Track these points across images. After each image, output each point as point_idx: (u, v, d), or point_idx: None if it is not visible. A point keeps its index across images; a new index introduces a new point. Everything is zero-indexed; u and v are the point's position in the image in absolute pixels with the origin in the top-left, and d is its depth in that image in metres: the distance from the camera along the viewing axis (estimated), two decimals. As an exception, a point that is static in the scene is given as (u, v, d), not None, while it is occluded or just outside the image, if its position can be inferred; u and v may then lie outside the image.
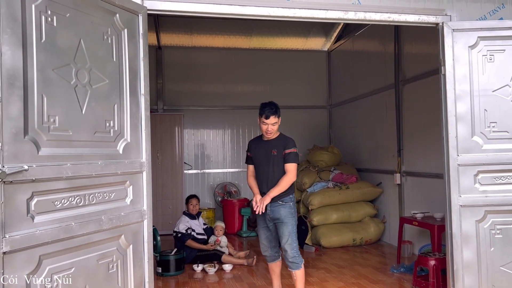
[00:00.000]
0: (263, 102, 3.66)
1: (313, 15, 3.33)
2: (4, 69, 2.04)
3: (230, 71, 8.31)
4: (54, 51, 2.31)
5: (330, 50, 8.55)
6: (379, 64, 6.62)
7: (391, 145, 6.17)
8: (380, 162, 6.62)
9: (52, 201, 2.25)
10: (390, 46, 6.18)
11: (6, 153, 2.03)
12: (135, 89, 2.83)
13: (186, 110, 8.00)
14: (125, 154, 2.72)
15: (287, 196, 3.59)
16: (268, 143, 3.65)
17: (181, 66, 8.09)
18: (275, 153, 3.58)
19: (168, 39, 7.93)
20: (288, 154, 3.56)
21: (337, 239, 6.01)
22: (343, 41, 7.97)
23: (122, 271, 2.67)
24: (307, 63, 8.55)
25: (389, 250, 5.94)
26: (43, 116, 2.22)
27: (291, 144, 3.60)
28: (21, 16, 2.15)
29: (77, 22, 2.45)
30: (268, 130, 3.57)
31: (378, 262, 5.30)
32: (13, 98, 2.08)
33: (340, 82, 8.27)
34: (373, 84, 6.75)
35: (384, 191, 6.48)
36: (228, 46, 8.24)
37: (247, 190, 8.15)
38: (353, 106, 7.60)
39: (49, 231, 2.21)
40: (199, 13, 3.21)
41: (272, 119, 3.54)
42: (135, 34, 2.87)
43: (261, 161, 3.66)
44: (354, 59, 7.63)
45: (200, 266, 5.04)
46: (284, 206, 3.57)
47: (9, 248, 2.01)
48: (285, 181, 3.53)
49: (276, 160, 3.58)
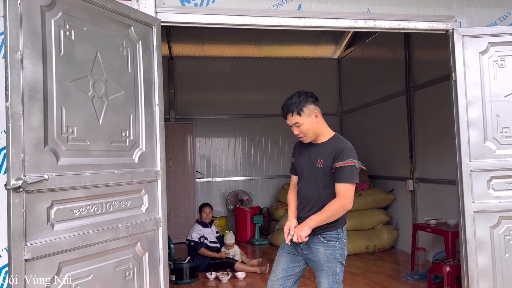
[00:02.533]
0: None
1: (323, 24, 3.37)
2: (25, 82, 2.12)
3: (241, 80, 8.38)
4: (72, 64, 2.38)
5: (340, 57, 8.59)
6: (389, 71, 6.63)
7: (403, 152, 6.16)
8: (392, 169, 6.60)
9: (71, 209, 2.31)
10: (400, 52, 6.19)
11: (27, 163, 2.09)
12: (149, 100, 2.90)
13: (198, 119, 8.08)
14: (141, 163, 2.78)
15: (333, 231, 2.50)
16: (315, 148, 2.59)
17: (192, 75, 8.18)
18: (321, 164, 2.51)
19: (179, 50, 8.04)
20: (341, 169, 2.44)
21: (350, 247, 5.95)
22: (353, 49, 8.00)
23: (138, 278, 2.72)
24: (317, 71, 8.59)
25: (402, 257, 5.90)
26: (62, 127, 2.29)
27: (346, 153, 2.46)
28: (41, 31, 2.23)
29: (94, 35, 2.52)
30: (296, 133, 2.59)
31: (392, 270, 5.27)
32: (34, 110, 2.15)
33: (350, 89, 8.29)
34: (383, 91, 6.76)
35: (396, 197, 6.46)
36: (238, 55, 8.32)
37: (258, 198, 8.19)
38: (364, 113, 7.61)
39: (68, 239, 2.26)
40: (211, 25, 3.27)
41: (290, 119, 2.54)
42: (149, 46, 2.94)
43: (304, 172, 2.63)
44: (364, 67, 7.65)
45: (213, 274, 5.07)
46: (326, 246, 2.50)
47: (31, 255, 2.07)
48: (332, 208, 2.43)
49: (322, 174, 2.51)
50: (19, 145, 2.06)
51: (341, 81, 8.66)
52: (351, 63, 8.27)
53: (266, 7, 3.33)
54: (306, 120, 2.52)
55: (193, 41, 7.90)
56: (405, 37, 6.05)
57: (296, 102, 2.52)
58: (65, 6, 2.35)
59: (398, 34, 6.02)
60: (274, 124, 8.28)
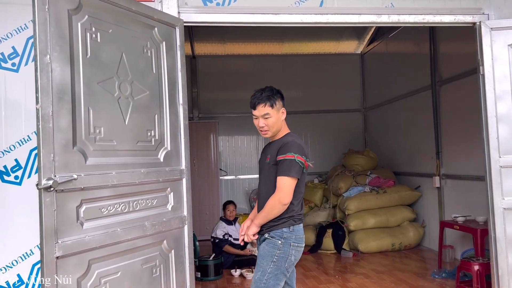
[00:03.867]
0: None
1: (346, 20, 3.34)
2: (54, 85, 2.18)
3: (263, 77, 8.36)
4: (99, 66, 2.43)
5: (363, 52, 8.48)
6: (414, 65, 6.51)
7: (429, 148, 6.04)
8: (418, 165, 6.48)
9: (99, 208, 2.37)
10: (425, 46, 6.07)
11: (57, 163, 2.15)
12: (174, 99, 2.93)
13: (221, 118, 8.13)
14: (166, 162, 2.82)
15: (278, 229, 2.41)
16: (270, 145, 2.63)
17: (214, 74, 8.23)
18: (268, 159, 2.51)
19: (201, 49, 8.09)
20: (280, 163, 2.38)
21: (375, 244, 5.92)
22: (376, 44, 7.88)
23: (165, 276, 2.76)
24: (340, 67, 8.51)
25: (429, 255, 5.80)
26: (90, 128, 2.35)
27: (287, 147, 2.41)
28: (69, 34, 2.28)
29: (119, 37, 2.57)
30: (259, 126, 2.51)
31: (419, 267, 5.19)
32: (63, 112, 2.21)
33: (374, 85, 8.18)
34: (408, 86, 6.64)
35: (422, 194, 6.35)
36: (260, 53, 8.32)
37: (282, 195, 8.16)
38: (388, 108, 7.50)
39: (96, 237, 2.32)
40: (233, 24, 3.28)
41: (261, 109, 2.46)
42: (172, 46, 2.97)
43: (260, 171, 2.65)
44: (388, 61, 7.53)
45: (238, 271, 5.10)
46: (268, 242, 2.42)
47: (62, 253, 2.13)
48: (269, 203, 2.37)
49: (269, 170, 2.47)
50: (50, 146, 2.12)
51: (364, 76, 8.55)
52: (374, 58, 8.15)
53: (288, 4, 3.32)
54: (275, 114, 2.51)
55: (215, 40, 7.94)
56: (430, 31, 5.92)
57: (270, 94, 2.51)
58: (91, 9, 2.40)
59: (422, 27, 5.89)
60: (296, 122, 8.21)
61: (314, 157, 8.34)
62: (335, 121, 8.35)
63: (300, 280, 4.78)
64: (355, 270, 5.17)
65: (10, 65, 2.91)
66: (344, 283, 4.63)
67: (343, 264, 5.52)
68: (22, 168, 2.90)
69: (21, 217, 2.84)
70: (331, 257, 5.90)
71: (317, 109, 8.27)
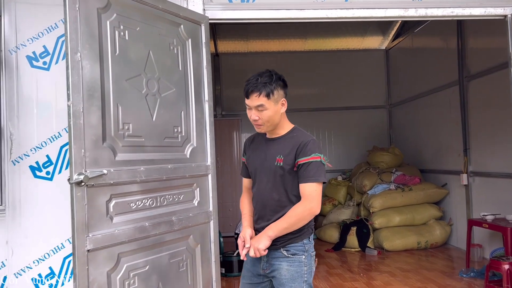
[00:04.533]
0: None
1: (372, 14, 3.30)
2: (84, 82, 2.23)
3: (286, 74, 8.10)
4: (127, 63, 2.48)
5: (388, 48, 8.35)
6: (441, 60, 6.37)
7: (456, 145, 5.91)
8: (445, 163, 6.35)
9: (128, 203, 2.41)
10: (453, 41, 5.93)
11: (88, 158, 2.21)
12: (199, 96, 2.96)
13: (243, 115, 8.04)
14: (192, 158, 2.85)
15: (298, 242, 2.06)
16: (273, 143, 2.14)
17: (237, 71, 8.24)
18: (280, 161, 2.05)
19: (224, 46, 8.13)
20: (305, 166, 2.00)
21: (400, 242, 5.84)
22: (401, 39, 7.75)
23: (192, 270, 2.79)
24: (364, 63, 8.41)
25: (456, 253, 5.68)
26: (119, 124, 2.39)
27: (310, 146, 2.03)
28: (98, 32, 2.33)
29: (146, 35, 2.61)
30: (253, 119, 2.09)
31: (446, 266, 5.09)
32: (93, 108, 2.26)
33: (399, 81, 8.05)
34: (435, 81, 6.51)
35: (449, 192, 6.21)
36: (283, 49, 8.30)
37: (305, 192, 8.14)
38: (414, 105, 7.37)
39: (126, 231, 2.37)
40: (258, 20, 3.29)
41: (254, 99, 2.04)
42: (198, 44, 3.00)
43: (259, 174, 2.14)
44: (414, 57, 7.39)
45: (262, 268, 5.11)
46: (291, 261, 2.04)
47: (92, 246, 2.18)
48: (296, 213, 2.00)
49: (282, 174, 2.05)
50: (80, 142, 2.17)
51: (390, 72, 8.43)
52: (399, 53, 8.02)
53: (312, -1, 3.30)
54: (273, 106, 2.05)
55: (238, 37, 7.96)
56: (457, 24, 5.79)
57: (267, 82, 2.05)
58: (119, 8, 2.45)
59: (450, 21, 5.76)
60: (320, 119, 8.22)
61: (338, 154, 8.29)
62: (359, 117, 8.26)
63: (324, 278, 4.76)
64: (380, 268, 5.12)
65: (42, 64, 2.99)
66: (369, 281, 4.59)
67: (367, 262, 5.46)
68: (53, 164, 2.98)
69: (52, 211, 2.92)
70: (355, 255, 5.84)
71: (341, 106, 8.20)
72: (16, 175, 2.93)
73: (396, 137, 8.25)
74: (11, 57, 2.95)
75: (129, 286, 2.36)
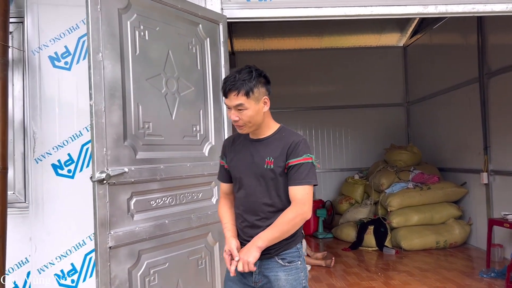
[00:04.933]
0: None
1: (391, 11, 3.27)
2: (106, 82, 2.26)
3: (302, 72, 8.33)
4: (147, 63, 2.51)
5: (406, 45, 8.25)
6: (460, 57, 6.27)
7: (476, 143, 5.82)
8: (464, 161, 6.25)
9: (148, 200, 2.45)
10: (473, 37, 5.83)
11: (109, 157, 2.24)
12: (217, 95, 2.98)
13: (260, 113, 8.14)
14: (210, 156, 2.87)
15: (292, 247, 1.93)
16: (259, 144, 1.97)
17: (253, 70, 8.25)
18: (271, 164, 1.89)
19: (241, 45, 8.15)
20: (296, 168, 1.86)
21: (418, 242, 5.78)
22: (419, 36, 7.65)
23: (210, 267, 2.82)
24: (382, 60, 8.33)
25: (476, 253, 5.60)
26: (139, 123, 2.42)
27: (302, 147, 1.88)
28: (119, 32, 2.36)
29: (165, 34, 2.64)
30: (233, 119, 1.92)
31: (465, 266, 5.02)
32: (114, 107, 2.30)
33: (417, 78, 7.96)
34: (454, 79, 6.41)
35: (469, 191, 6.12)
36: (299, 47, 8.28)
37: (321, 191, 8.13)
38: (432, 102, 7.27)
39: (146, 228, 2.40)
40: (276, 18, 3.29)
41: (232, 99, 1.87)
42: (216, 43, 3.01)
43: (245, 177, 1.95)
44: (432, 54, 7.30)
45: (278, 266, 5.11)
46: (288, 270, 1.90)
47: (114, 243, 2.22)
48: (288, 219, 1.84)
49: (273, 177, 1.89)
50: (102, 140, 2.21)
51: (407, 70, 8.33)
52: (418, 50, 7.92)
53: (330, -3, 3.28)
54: (253, 105, 1.89)
55: (254, 36, 7.97)
56: (478, 21, 5.69)
57: (246, 79, 1.87)
58: (139, 8, 2.48)
59: (470, 17, 5.66)
60: (337, 116, 8.18)
61: (355, 152, 8.25)
62: (376, 115, 8.20)
63: (341, 277, 4.74)
64: (398, 267, 5.07)
65: (63, 64, 3.04)
66: (386, 280, 4.55)
67: (385, 261, 5.42)
68: (74, 162, 3.03)
69: (74, 208, 2.97)
70: (372, 254, 5.81)
71: (357, 104, 8.15)
72: (39, 173, 2.99)
73: (414, 135, 8.16)
74: (34, 57, 3.01)
75: (150, 282, 2.40)
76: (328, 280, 4.65)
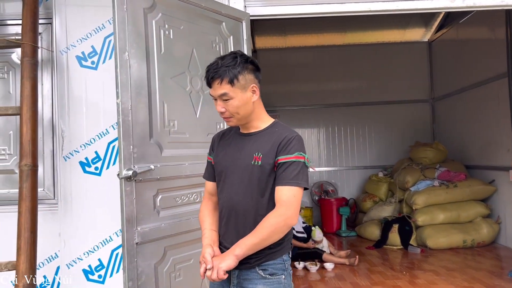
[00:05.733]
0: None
1: (417, 6, 3.21)
2: (132, 80, 2.30)
3: (324, 69, 8.27)
4: (172, 61, 2.53)
5: (431, 40, 8.09)
6: (488, 52, 6.11)
7: (505, 139, 5.66)
8: (492, 158, 6.09)
9: (173, 197, 2.48)
10: (501, 31, 5.67)
11: (136, 154, 2.28)
12: (241, 92, 2.98)
13: (281, 110, 8.14)
14: (234, 154, 2.88)
15: (277, 258, 1.71)
16: (249, 138, 1.79)
17: (275, 67, 8.25)
18: (259, 160, 1.70)
19: (262, 42, 8.14)
20: (285, 166, 1.66)
21: (444, 240, 5.67)
22: (445, 30, 7.49)
23: (234, 264, 2.83)
24: (406, 56, 8.19)
25: (505, 253, 5.45)
26: (164, 121, 2.46)
27: (295, 144, 1.69)
28: (144, 32, 2.40)
29: (189, 33, 2.66)
30: (219, 111, 1.75)
31: (494, 266, 4.90)
32: (140, 106, 2.33)
33: (443, 74, 7.79)
34: (482, 74, 6.25)
35: (497, 189, 5.96)
36: (321, 44, 8.21)
37: (344, 188, 8.07)
38: (459, 98, 7.11)
39: (172, 225, 2.43)
40: (298, 15, 3.27)
41: (216, 88, 1.71)
42: (239, 40, 3.02)
43: (229, 173, 1.78)
44: (458, 49, 7.13)
45: (301, 264, 5.11)
46: (269, 284, 1.69)
47: (141, 239, 2.26)
48: (270, 224, 1.63)
49: (260, 175, 1.70)
50: (129, 138, 2.25)
51: (432, 65, 8.17)
52: (443, 46, 7.76)
53: (354, -7, 3.25)
54: (239, 94, 1.69)
55: (276, 33, 7.95)
56: (506, 14, 5.53)
57: (230, 65, 1.68)
58: (164, 7, 2.50)
59: (498, 11, 5.51)
60: (359, 113, 8.09)
61: (378, 150, 8.14)
62: (400, 112, 8.07)
63: (365, 275, 4.70)
64: (423, 266, 4.99)
65: (90, 63, 3.10)
66: (412, 279, 4.48)
67: (410, 260, 5.34)
68: (101, 160, 3.09)
69: (101, 205, 3.03)
70: (397, 252, 5.73)
71: (381, 100, 8.04)
72: (67, 171, 3.06)
73: (439, 132, 8.00)
74: (62, 57, 3.08)
75: (175, 278, 2.43)
76: (352, 279, 4.62)
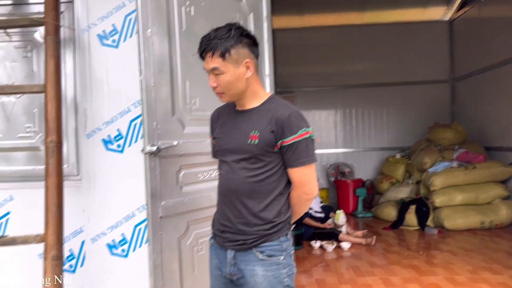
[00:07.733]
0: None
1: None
2: (155, 57, 2.32)
3: (342, 49, 8.17)
4: (192, 38, 2.53)
5: (452, 19, 7.91)
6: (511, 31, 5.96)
7: (527, 120, 5.57)
8: (513, 139, 6.01)
9: (195, 173, 2.52)
10: (526, 9, 5.52)
11: (159, 131, 2.31)
12: (260, 71, 2.98)
13: (298, 91, 8.12)
14: (254, 132, 2.90)
15: (275, 239, 1.67)
16: (243, 116, 1.71)
17: (292, 47, 8.18)
18: (255, 138, 1.61)
19: (280, 22, 8.05)
20: (293, 147, 1.60)
21: (462, 222, 5.65)
22: (467, 9, 7.31)
23: (254, 240, 2.88)
24: (426, 35, 8.03)
25: (524, 235, 5.42)
26: (186, 98, 2.48)
27: (295, 121, 1.61)
28: (166, 9, 2.40)
29: (210, 9, 2.65)
30: (210, 85, 1.71)
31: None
32: (163, 83, 2.36)
33: (464, 54, 7.63)
34: (505, 53, 6.11)
35: (517, 171, 5.90)
36: (339, 23, 8.10)
37: (360, 170, 8.05)
38: (480, 78, 6.98)
39: (194, 200, 2.48)
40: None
41: (208, 61, 1.66)
42: (259, 17, 3.01)
43: (226, 154, 1.72)
44: (480, 28, 6.96)
45: (318, 243, 5.16)
46: (267, 265, 1.66)
47: (165, 213, 2.31)
48: (298, 207, 1.75)
49: (255, 153, 1.62)
50: (153, 115, 2.28)
51: (453, 45, 8.00)
52: (465, 24, 7.58)
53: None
54: (231, 69, 1.62)
55: (293, 13, 7.87)
56: (532, -9, 5.37)
57: (223, 37, 1.61)
58: (185, -16, 2.50)
59: (524, -13, 5.36)
60: (377, 94, 8.01)
61: (396, 131, 8.08)
62: (419, 93, 7.96)
63: (382, 255, 4.72)
64: (440, 247, 4.99)
65: (111, 42, 3.12)
66: (429, 259, 4.50)
67: (427, 240, 5.35)
68: (123, 138, 3.13)
69: (123, 182, 3.08)
70: (414, 233, 5.73)
71: (399, 81, 7.94)
72: (90, 148, 3.11)
73: (459, 113, 7.88)
74: (84, 36, 3.10)
75: (198, 252, 2.49)
76: (369, 258, 4.65)
